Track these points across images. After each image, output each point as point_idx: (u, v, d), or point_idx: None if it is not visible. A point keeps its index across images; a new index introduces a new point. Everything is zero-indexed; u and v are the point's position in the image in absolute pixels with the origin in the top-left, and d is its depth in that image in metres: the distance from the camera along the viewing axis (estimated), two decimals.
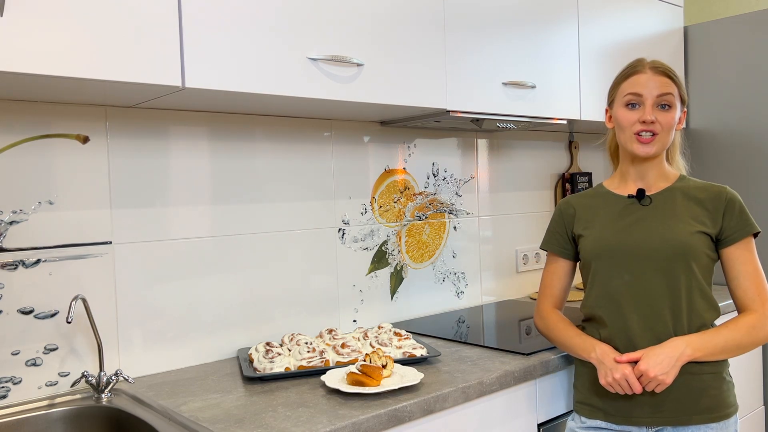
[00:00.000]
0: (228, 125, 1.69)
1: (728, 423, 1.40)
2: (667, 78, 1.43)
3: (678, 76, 1.45)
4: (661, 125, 1.41)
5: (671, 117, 1.42)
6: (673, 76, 1.44)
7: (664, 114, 1.42)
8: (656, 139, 1.42)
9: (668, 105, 1.42)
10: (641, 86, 1.42)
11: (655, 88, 1.41)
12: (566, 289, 1.61)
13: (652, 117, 1.40)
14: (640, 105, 1.43)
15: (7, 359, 1.37)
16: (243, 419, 1.22)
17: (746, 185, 2.49)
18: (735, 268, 1.41)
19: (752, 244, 1.42)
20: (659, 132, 1.42)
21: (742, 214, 1.41)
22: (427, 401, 1.31)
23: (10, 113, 1.37)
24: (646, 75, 1.43)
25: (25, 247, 1.39)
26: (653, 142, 1.42)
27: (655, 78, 1.42)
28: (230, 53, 1.33)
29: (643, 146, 1.42)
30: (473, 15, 1.81)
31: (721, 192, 1.43)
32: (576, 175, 2.60)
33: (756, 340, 1.37)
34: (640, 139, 1.42)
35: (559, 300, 1.60)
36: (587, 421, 1.48)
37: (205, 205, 1.65)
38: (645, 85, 1.42)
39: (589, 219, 1.52)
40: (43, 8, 1.10)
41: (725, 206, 1.41)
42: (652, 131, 1.41)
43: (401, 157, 2.08)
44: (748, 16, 2.48)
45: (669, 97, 1.41)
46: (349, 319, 1.95)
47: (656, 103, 1.42)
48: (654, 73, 1.43)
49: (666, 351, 1.33)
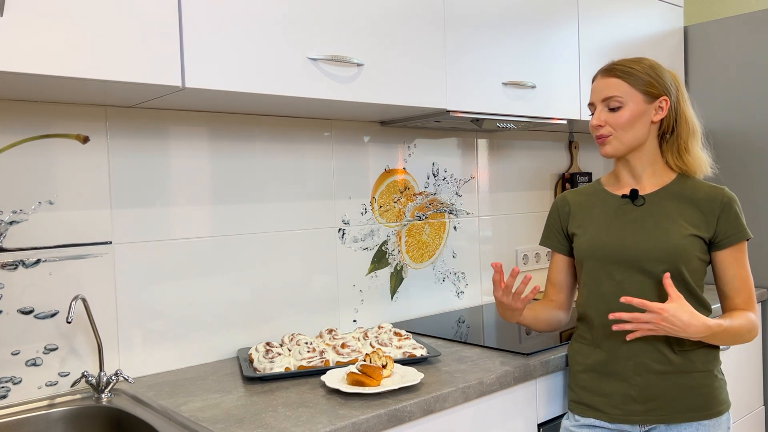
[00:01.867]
0: (228, 125, 1.69)
1: (720, 420, 1.41)
2: (616, 78, 1.43)
3: (638, 70, 1.42)
4: (611, 126, 1.44)
5: (619, 116, 1.43)
6: (623, 74, 1.42)
7: (612, 115, 1.44)
8: (609, 140, 1.45)
9: (616, 106, 1.43)
10: (593, 93, 1.49)
11: (601, 91, 1.45)
12: (570, 282, 1.60)
13: (597, 121, 1.45)
14: (594, 111, 1.48)
15: (7, 359, 1.37)
16: (243, 419, 1.22)
17: (746, 185, 2.49)
18: (729, 271, 1.42)
19: (745, 246, 1.43)
20: (609, 134, 1.45)
21: (737, 219, 1.41)
22: (427, 401, 1.31)
23: (10, 113, 1.37)
24: (597, 81, 1.48)
25: (25, 247, 1.39)
26: (606, 143, 1.46)
27: (603, 81, 1.45)
28: (230, 53, 1.33)
29: (600, 147, 1.48)
30: (473, 15, 1.81)
31: (717, 194, 1.43)
32: (576, 175, 2.60)
33: (748, 338, 1.40)
34: (597, 142, 1.48)
35: (560, 293, 1.59)
36: (581, 419, 1.48)
37: (205, 205, 1.65)
38: (594, 91, 1.48)
39: (583, 217, 1.53)
40: (43, 8, 1.10)
41: (721, 209, 1.41)
42: (601, 134, 1.46)
43: (401, 157, 2.08)
44: (748, 16, 2.48)
45: (615, 98, 1.43)
46: (349, 319, 1.95)
47: (604, 106, 1.45)
48: (603, 76, 1.46)
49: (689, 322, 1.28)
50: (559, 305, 1.59)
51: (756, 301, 1.45)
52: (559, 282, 1.60)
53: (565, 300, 1.60)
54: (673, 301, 1.28)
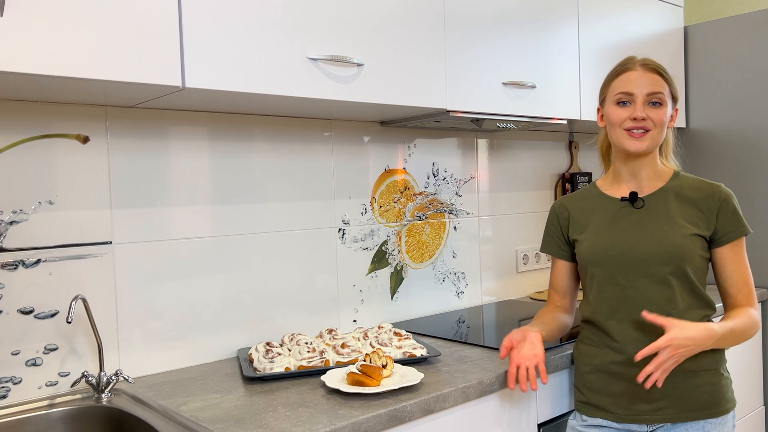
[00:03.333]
0: (228, 125, 1.69)
1: (726, 419, 1.41)
2: (658, 75, 1.43)
3: (668, 73, 1.45)
4: (653, 122, 1.42)
5: (662, 114, 1.42)
6: (663, 74, 1.43)
7: (656, 111, 1.42)
8: (648, 135, 1.42)
9: (659, 102, 1.42)
10: (632, 84, 1.42)
11: (646, 85, 1.41)
12: (573, 287, 1.61)
13: (644, 114, 1.40)
14: (631, 102, 1.43)
15: (7, 359, 1.37)
16: (243, 419, 1.22)
17: (746, 185, 2.49)
18: (728, 267, 1.43)
19: (743, 242, 1.44)
20: (651, 129, 1.42)
21: (735, 215, 1.42)
22: (427, 401, 1.31)
23: (10, 113, 1.37)
24: (637, 72, 1.42)
25: (25, 247, 1.39)
26: (644, 138, 1.42)
27: (646, 75, 1.42)
28: (230, 53, 1.33)
29: (635, 141, 1.42)
30: (473, 15, 1.81)
31: (714, 191, 1.43)
32: (576, 175, 2.60)
33: (751, 335, 1.41)
34: (631, 135, 1.42)
35: (564, 298, 1.61)
36: (588, 419, 1.48)
37: (205, 205, 1.65)
38: (636, 82, 1.42)
39: (583, 223, 1.53)
40: (43, 8, 1.10)
41: (719, 207, 1.42)
42: (643, 128, 1.41)
43: (401, 157, 2.08)
44: (748, 16, 2.48)
45: (660, 94, 1.42)
46: (349, 319, 1.95)
47: (647, 100, 1.42)
48: (644, 70, 1.42)
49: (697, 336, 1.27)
50: (564, 310, 1.61)
51: (756, 297, 1.45)
52: (562, 288, 1.61)
53: (570, 304, 1.62)
54: (672, 327, 1.27)
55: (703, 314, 1.42)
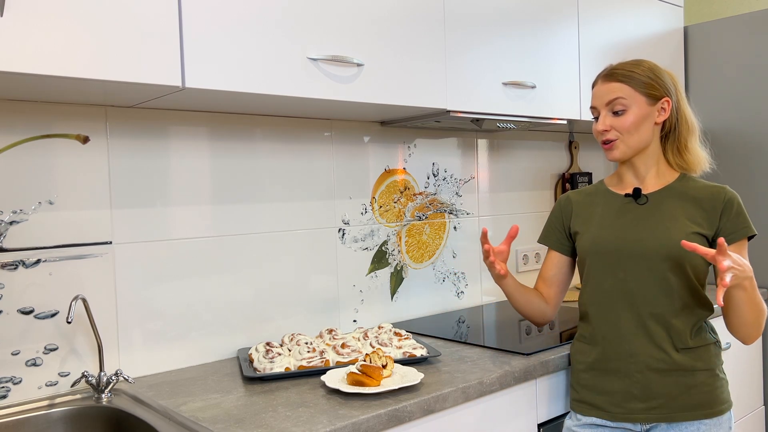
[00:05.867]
0: (228, 125, 1.69)
1: (722, 419, 1.41)
2: (617, 82, 1.43)
3: (639, 73, 1.43)
4: (617, 130, 1.44)
5: (624, 120, 1.43)
6: (624, 78, 1.43)
7: (617, 119, 1.44)
8: (615, 144, 1.45)
9: (621, 109, 1.43)
10: (594, 98, 1.49)
11: (603, 96, 1.45)
12: (562, 280, 1.59)
13: (603, 126, 1.45)
14: (599, 116, 1.48)
15: (7, 359, 1.37)
16: (243, 419, 1.22)
17: (746, 185, 2.49)
18: None
19: (746, 245, 1.43)
20: (616, 137, 1.45)
21: (739, 216, 1.41)
22: (427, 401, 1.31)
23: (10, 113, 1.37)
24: (598, 86, 1.48)
25: (25, 247, 1.39)
26: (613, 148, 1.46)
27: (605, 86, 1.46)
28: (230, 53, 1.33)
29: (608, 152, 1.48)
30: (473, 15, 1.81)
31: (719, 192, 1.43)
32: (576, 175, 2.60)
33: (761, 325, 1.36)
34: (604, 147, 1.48)
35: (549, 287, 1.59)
36: (583, 418, 1.48)
37: (205, 205, 1.65)
38: (596, 96, 1.48)
39: (586, 216, 1.53)
40: (43, 8, 1.10)
41: (723, 207, 1.41)
42: (607, 139, 1.46)
43: (401, 157, 2.08)
44: (748, 16, 2.48)
45: (618, 100, 1.43)
46: (349, 319, 1.95)
47: (609, 110, 1.45)
48: (604, 81, 1.46)
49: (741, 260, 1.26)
50: (546, 298, 1.59)
51: None
52: (549, 277, 1.59)
53: (554, 296, 1.59)
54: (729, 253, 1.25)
55: (700, 314, 1.42)
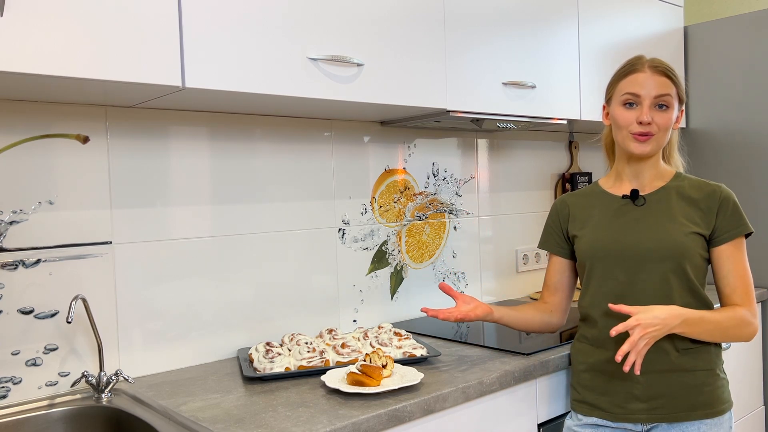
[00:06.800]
0: (228, 125, 1.69)
1: (723, 419, 1.41)
2: (666, 78, 1.42)
3: (677, 75, 1.44)
4: (658, 126, 1.41)
5: (668, 117, 1.42)
6: (672, 76, 1.43)
7: (662, 114, 1.41)
8: (652, 138, 1.42)
9: (666, 105, 1.41)
10: (639, 86, 1.41)
11: (653, 88, 1.41)
12: (566, 285, 1.60)
13: (649, 118, 1.40)
14: (638, 104, 1.42)
15: (7, 359, 1.37)
16: (243, 419, 1.22)
17: (746, 185, 2.49)
18: (725, 266, 1.42)
19: (743, 243, 1.43)
20: (656, 132, 1.42)
21: (735, 214, 1.41)
22: (427, 401, 1.31)
23: (10, 113, 1.37)
24: (645, 74, 1.42)
25: (25, 247, 1.39)
26: (649, 141, 1.42)
27: (654, 78, 1.41)
28: (230, 53, 1.33)
29: (640, 145, 1.42)
30: (473, 15, 1.81)
31: (715, 191, 1.43)
32: (576, 175, 2.60)
33: (740, 335, 1.39)
34: (636, 138, 1.42)
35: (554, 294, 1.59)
36: (584, 418, 1.48)
37: (205, 205, 1.65)
38: (643, 84, 1.41)
39: (584, 219, 1.53)
40: (43, 8, 1.10)
41: (719, 206, 1.42)
42: (648, 132, 1.41)
43: (401, 157, 2.08)
44: (748, 16, 2.48)
45: (667, 97, 1.41)
46: (349, 319, 1.95)
47: (654, 103, 1.41)
48: (653, 72, 1.42)
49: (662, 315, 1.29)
50: (552, 307, 1.59)
51: (755, 300, 1.44)
52: (553, 284, 1.60)
53: (560, 302, 1.60)
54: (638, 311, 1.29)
55: None
